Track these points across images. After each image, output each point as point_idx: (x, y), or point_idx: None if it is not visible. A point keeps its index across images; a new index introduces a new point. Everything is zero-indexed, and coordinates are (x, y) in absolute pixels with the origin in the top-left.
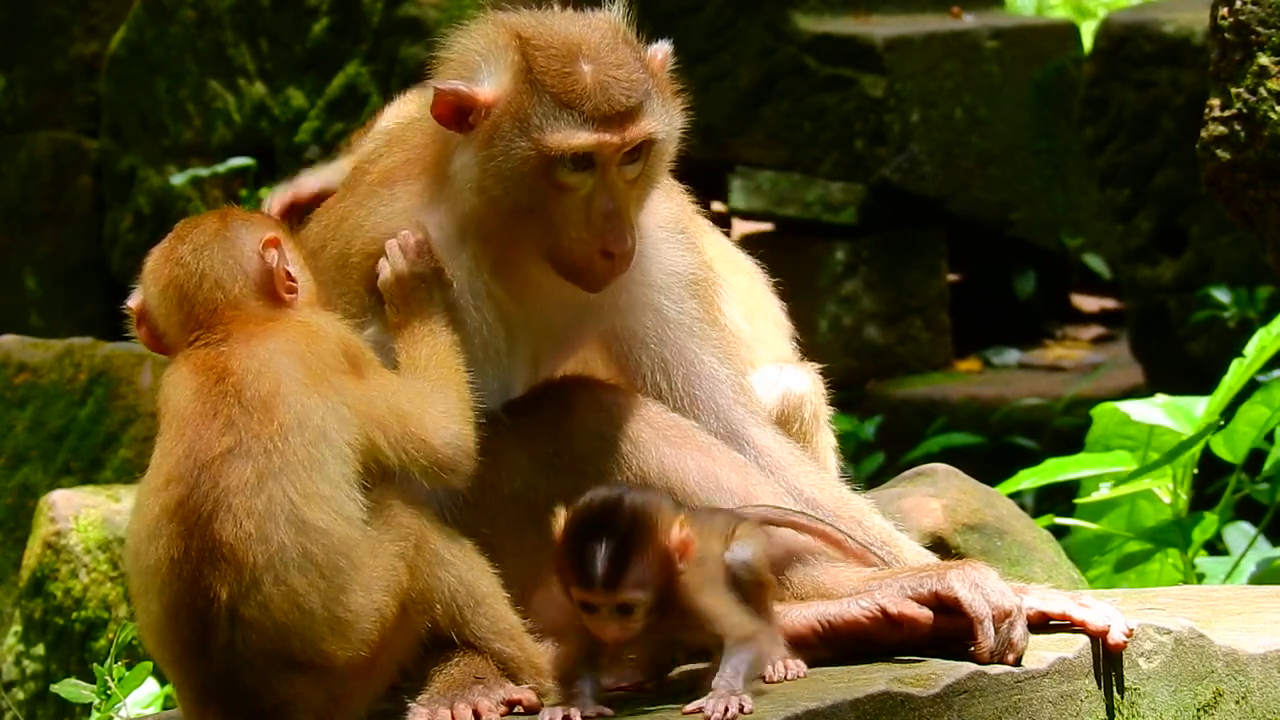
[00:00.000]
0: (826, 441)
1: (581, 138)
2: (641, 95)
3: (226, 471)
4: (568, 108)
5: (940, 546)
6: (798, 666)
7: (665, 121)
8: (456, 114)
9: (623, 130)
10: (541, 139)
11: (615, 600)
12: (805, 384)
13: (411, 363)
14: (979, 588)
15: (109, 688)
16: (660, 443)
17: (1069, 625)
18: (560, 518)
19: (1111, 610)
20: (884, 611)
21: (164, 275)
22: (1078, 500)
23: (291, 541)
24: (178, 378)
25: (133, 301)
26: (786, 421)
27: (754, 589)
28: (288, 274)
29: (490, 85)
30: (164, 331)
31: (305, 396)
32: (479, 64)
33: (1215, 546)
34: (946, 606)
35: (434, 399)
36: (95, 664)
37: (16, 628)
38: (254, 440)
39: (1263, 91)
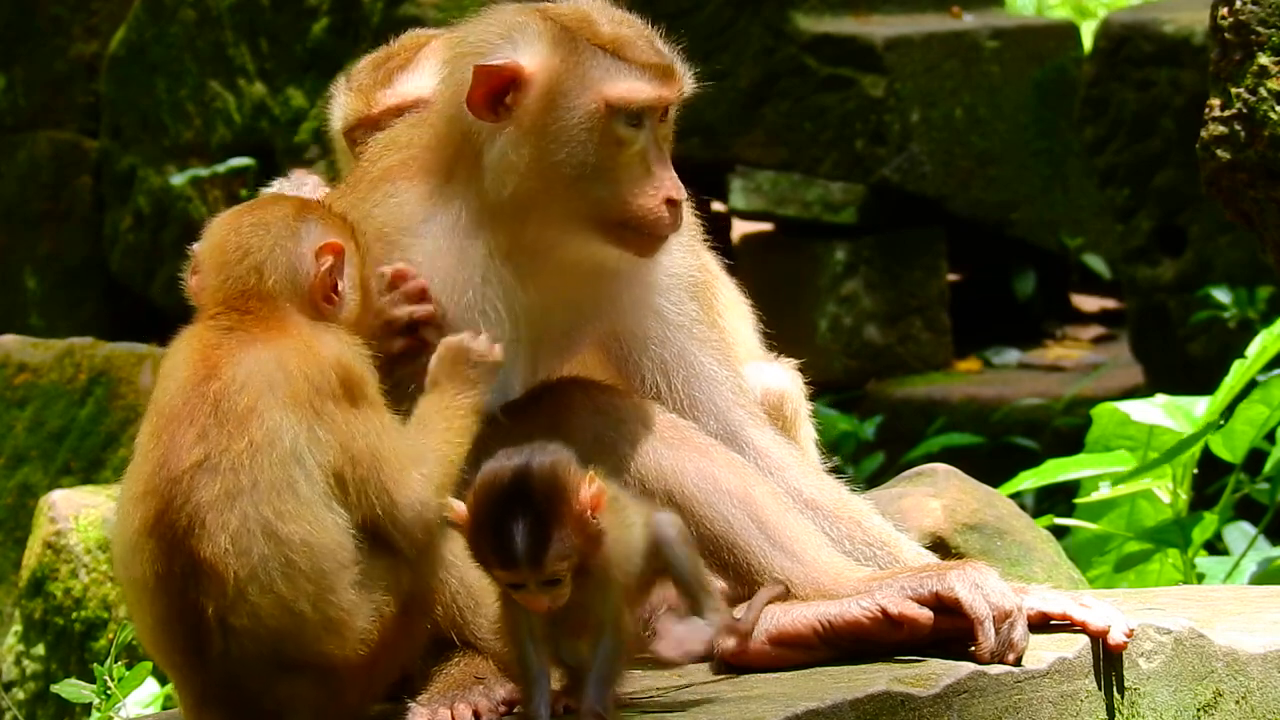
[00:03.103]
0: (808, 434)
1: (644, 91)
2: (672, 51)
3: (197, 486)
4: (622, 61)
5: (940, 546)
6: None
7: (691, 80)
8: (494, 97)
9: (674, 84)
10: (608, 91)
11: (542, 576)
12: (784, 380)
13: (424, 416)
14: (979, 588)
15: (109, 688)
16: (658, 444)
17: (1069, 625)
18: (465, 496)
19: (1112, 610)
20: (884, 612)
21: (218, 236)
22: (1078, 500)
23: (272, 553)
24: (178, 359)
25: (197, 247)
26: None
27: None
28: (335, 286)
29: (528, 58)
30: (203, 288)
31: (282, 415)
32: (501, 45)
33: (1215, 546)
34: (947, 607)
35: (422, 459)
36: (95, 664)
37: (16, 628)
38: (223, 455)
39: (1263, 91)
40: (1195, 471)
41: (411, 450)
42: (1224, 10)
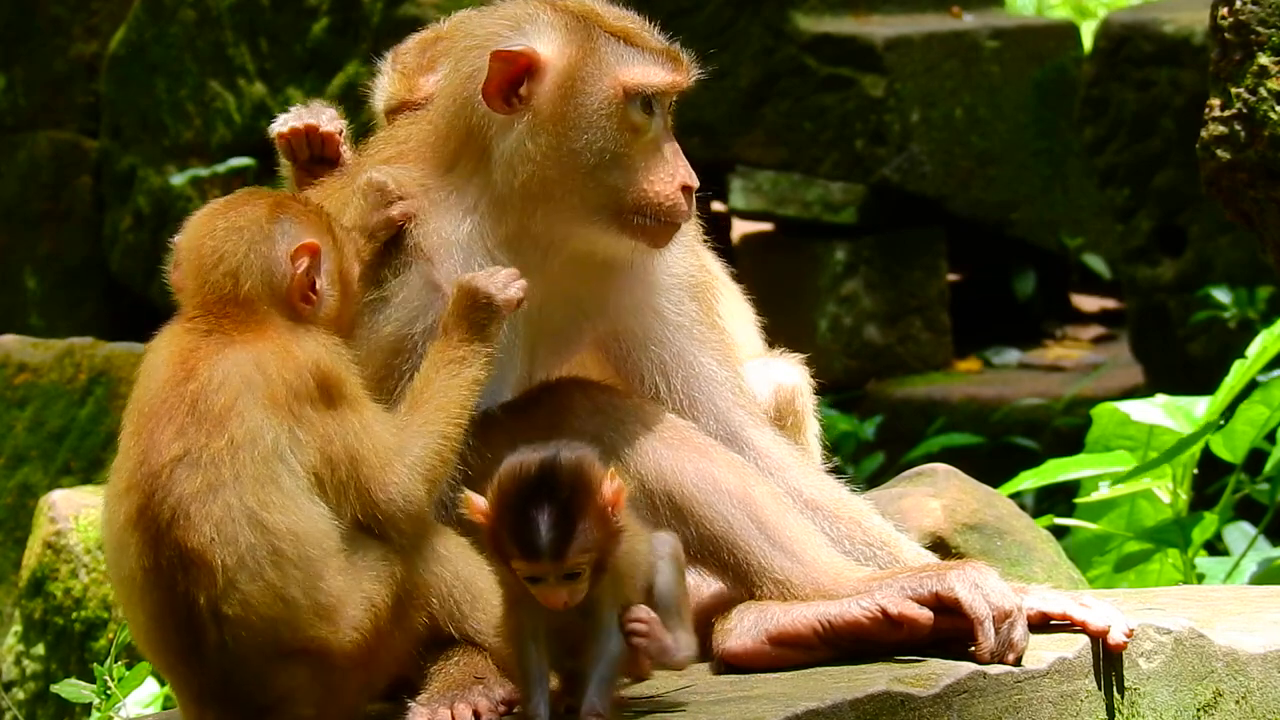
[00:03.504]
0: (814, 430)
1: (658, 75)
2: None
3: (178, 479)
4: (634, 47)
5: (940, 546)
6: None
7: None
8: (510, 86)
9: (685, 70)
10: (623, 76)
11: (563, 569)
12: (795, 376)
13: (422, 380)
14: (979, 588)
15: (109, 688)
16: (657, 444)
17: (1069, 625)
18: (488, 487)
19: (1112, 610)
20: (884, 612)
21: (194, 239)
22: (1078, 500)
23: (259, 541)
24: (156, 359)
25: (176, 241)
26: (780, 414)
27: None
28: (311, 285)
29: (543, 45)
30: (182, 288)
31: (261, 415)
32: (514, 35)
33: (1215, 546)
34: (947, 607)
35: (407, 447)
36: (95, 664)
37: (16, 628)
38: (202, 451)
39: (1263, 91)
40: (1195, 471)
41: (395, 441)
42: (1224, 10)
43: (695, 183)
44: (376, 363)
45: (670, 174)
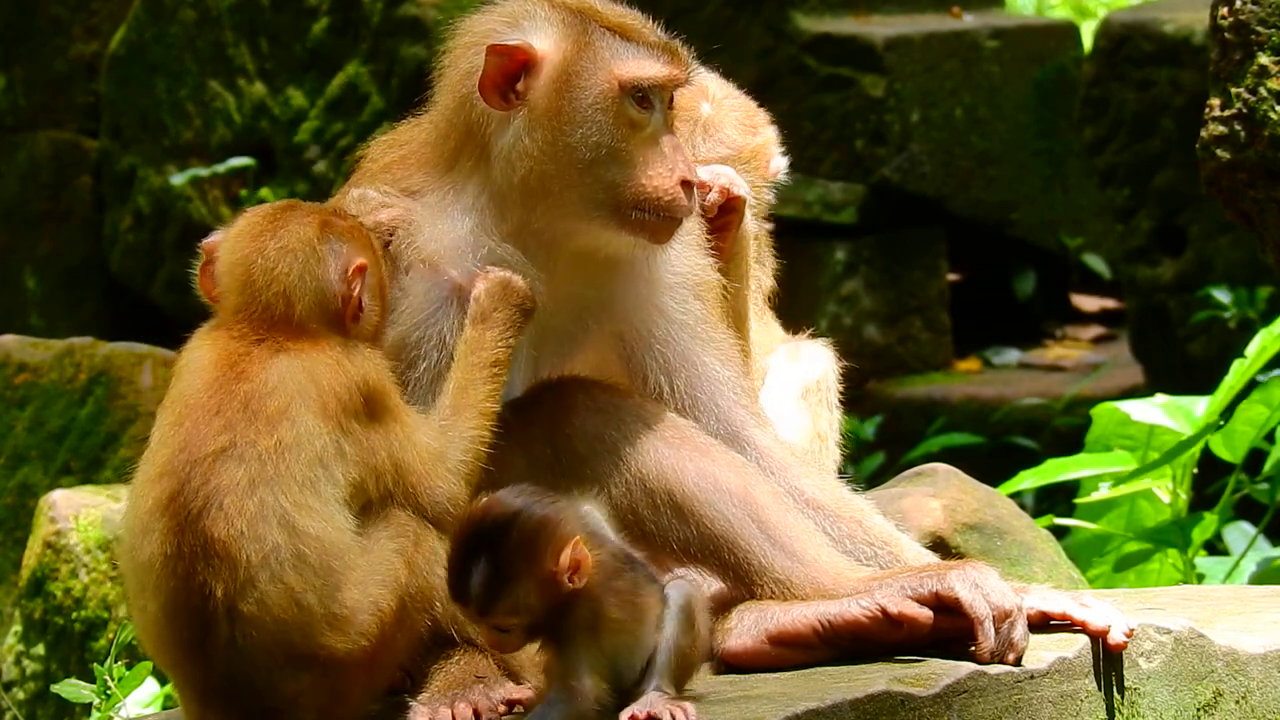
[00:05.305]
0: (837, 416)
1: (654, 69)
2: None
3: (218, 470)
4: (630, 42)
5: (940, 546)
6: None
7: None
8: (506, 81)
9: (682, 64)
10: (619, 71)
11: (490, 624)
12: (827, 361)
13: (467, 385)
14: (979, 588)
15: (109, 688)
16: (658, 444)
17: (1069, 625)
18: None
19: (1112, 610)
20: (884, 611)
21: (240, 254)
22: (1078, 500)
23: (285, 543)
24: (200, 358)
25: (209, 241)
26: (806, 393)
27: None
28: (360, 303)
29: (539, 40)
30: (220, 294)
31: (313, 422)
32: (511, 32)
33: (1215, 546)
34: (947, 606)
35: (449, 451)
36: (95, 664)
37: (16, 628)
38: (249, 447)
39: (1263, 91)
40: (1195, 471)
41: (437, 447)
42: (1224, 10)
43: (695, 178)
44: None
45: (669, 169)
